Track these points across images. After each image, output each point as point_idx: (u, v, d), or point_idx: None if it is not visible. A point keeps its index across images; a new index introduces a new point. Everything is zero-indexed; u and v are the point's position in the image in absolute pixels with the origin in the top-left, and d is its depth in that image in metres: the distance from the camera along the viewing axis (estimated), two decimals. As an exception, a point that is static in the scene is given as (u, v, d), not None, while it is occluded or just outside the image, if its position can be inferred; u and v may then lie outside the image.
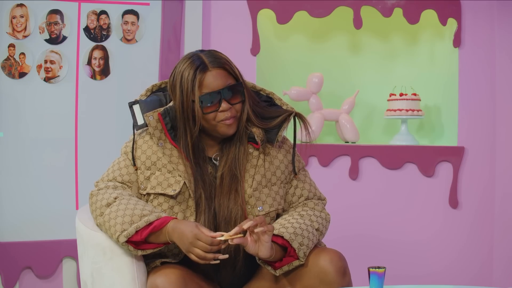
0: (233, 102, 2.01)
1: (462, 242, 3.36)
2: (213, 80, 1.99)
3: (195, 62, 2.00)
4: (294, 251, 1.98)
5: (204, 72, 1.98)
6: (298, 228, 2.00)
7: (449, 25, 3.37)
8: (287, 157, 2.14)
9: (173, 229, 1.90)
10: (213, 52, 2.05)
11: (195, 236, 1.85)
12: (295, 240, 1.97)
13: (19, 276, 3.04)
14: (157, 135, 2.05)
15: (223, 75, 2.00)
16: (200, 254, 1.85)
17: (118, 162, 2.10)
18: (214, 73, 1.99)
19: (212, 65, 1.99)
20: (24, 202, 3.01)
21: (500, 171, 3.35)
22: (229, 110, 2.00)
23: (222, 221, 2.03)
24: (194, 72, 1.98)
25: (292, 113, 2.09)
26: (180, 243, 1.89)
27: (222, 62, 2.01)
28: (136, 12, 3.15)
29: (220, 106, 1.99)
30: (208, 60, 2.00)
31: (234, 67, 2.04)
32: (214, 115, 2.00)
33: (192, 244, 1.85)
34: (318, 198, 2.18)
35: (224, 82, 2.00)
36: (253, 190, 2.04)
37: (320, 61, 3.59)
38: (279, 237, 1.98)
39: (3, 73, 2.97)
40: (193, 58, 2.01)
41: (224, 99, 1.99)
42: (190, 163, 2.03)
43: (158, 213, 1.94)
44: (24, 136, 3.02)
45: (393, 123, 3.62)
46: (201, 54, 2.03)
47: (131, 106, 2.07)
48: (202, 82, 1.98)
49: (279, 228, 1.99)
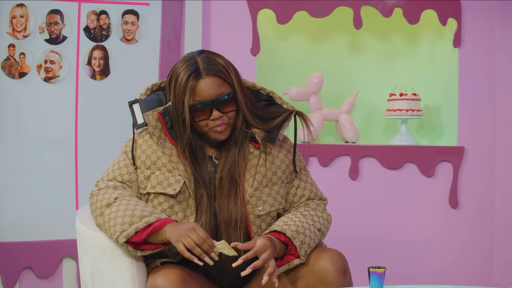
0: (225, 110, 1.99)
1: (462, 242, 3.36)
2: (205, 89, 1.97)
3: (190, 67, 1.97)
4: (295, 249, 1.98)
5: (197, 79, 1.96)
6: (301, 227, 2.00)
7: (449, 25, 3.37)
8: (288, 157, 2.14)
9: (171, 226, 1.90)
10: (211, 56, 2.01)
11: (193, 227, 1.85)
12: (297, 238, 1.97)
13: (19, 276, 3.04)
14: (156, 134, 2.05)
15: (217, 83, 1.98)
16: (191, 243, 1.83)
17: (118, 162, 2.10)
18: (208, 81, 1.97)
19: (206, 72, 1.97)
20: (24, 202, 3.01)
21: (500, 171, 3.35)
22: (221, 118, 1.99)
23: (223, 223, 2.03)
24: (187, 78, 1.96)
25: (293, 112, 2.09)
26: (174, 233, 1.86)
27: (217, 69, 1.98)
28: (136, 12, 3.14)
29: (211, 115, 1.98)
30: (203, 67, 1.97)
31: (230, 74, 2.00)
32: (206, 123, 2.00)
33: (186, 233, 1.84)
34: (319, 198, 2.19)
35: (217, 91, 1.97)
36: (254, 190, 2.04)
37: (320, 61, 3.59)
38: (281, 234, 1.98)
39: (3, 73, 2.97)
40: (190, 62, 1.99)
41: (215, 108, 1.98)
42: (189, 162, 2.03)
43: (158, 214, 1.94)
44: (24, 136, 3.02)
45: (393, 123, 3.62)
46: (198, 57, 2.00)
47: (131, 105, 2.07)
48: (194, 90, 1.96)
49: (282, 225, 1.99)
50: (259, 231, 2.05)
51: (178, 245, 1.85)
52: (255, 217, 2.04)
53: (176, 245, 1.86)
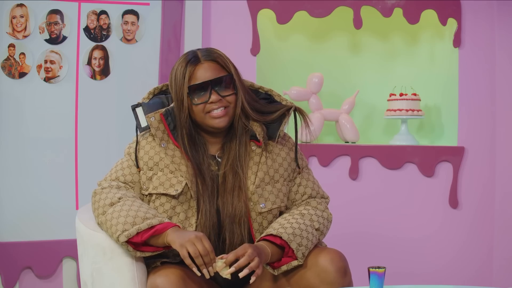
0: (224, 94, 2.02)
1: (462, 242, 3.36)
2: (203, 72, 2.01)
3: (189, 56, 2.04)
4: (292, 251, 1.98)
5: (195, 64, 2.01)
6: (297, 229, 2.00)
7: (449, 25, 3.37)
8: (290, 155, 2.14)
9: (175, 230, 1.90)
10: (210, 48, 2.08)
11: (201, 237, 1.86)
12: (294, 240, 1.97)
13: (19, 276, 3.04)
14: (159, 135, 2.06)
15: (215, 67, 2.02)
16: (195, 252, 1.83)
17: (121, 163, 2.11)
18: (206, 65, 2.02)
19: (204, 58, 2.02)
20: (24, 202, 3.01)
21: (500, 171, 3.35)
22: (219, 101, 2.01)
23: (226, 218, 2.03)
24: (186, 65, 2.01)
25: (292, 107, 2.09)
26: (179, 238, 1.86)
27: (215, 56, 2.03)
28: (136, 12, 3.15)
29: (210, 97, 1.99)
30: (201, 54, 2.03)
31: (228, 62, 2.04)
32: (203, 106, 2.01)
33: (192, 241, 1.84)
34: (321, 196, 2.19)
35: (215, 74, 2.01)
36: (256, 187, 2.04)
37: (320, 61, 3.59)
38: (277, 237, 1.98)
39: (3, 73, 2.97)
40: (188, 53, 2.06)
41: (213, 90, 1.99)
42: (192, 163, 2.03)
43: (161, 218, 1.94)
44: (24, 136, 3.02)
45: (393, 123, 3.62)
46: (197, 50, 2.07)
47: (134, 109, 2.09)
48: (193, 74, 2.00)
49: (278, 228, 1.99)
50: (260, 228, 2.05)
51: (181, 250, 1.85)
52: (256, 214, 2.04)
53: (180, 250, 1.86)
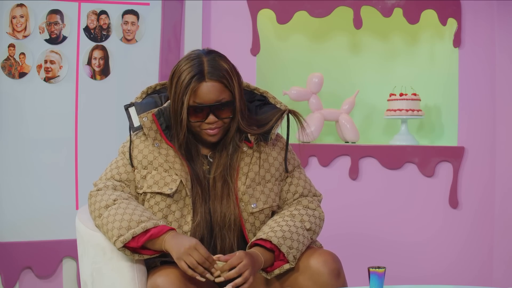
0: (221, 116, 2.01)
1: (462, 242, 3.36)
2: (206, 92, 1.98)
3: (195, 68, 1.98)
4: (283, 255, 1.97)
5: (199, 82, 1.97)
6: (288, 231, 1.99)
7: (449, 25, 3.37)
8: (281, 155, 2.14)
9: (171, 237, 1.90)
10: (218, 60, 2.02)
11: (194, 246, 1.86)
12: (284, 244, 1.96)
13: (19, 276, 3.04)
14: (152, 135, 2.06)
15: (219, 89, 1.99)
16: (193, 263, 1.84)
17: (116, 162, 2.11)
18: (210, 85, 1.98)
19: (209, 76, 1.98)
20: (24, 202, 3.01)
21: (500, 171, 3.35)
22: (216, 123, 2.01)
23: (217, 225, 2.04)
24: (190, 79, 1.97)
25: (285, 111, 2.09)
26: (175, 249, 1.87)
27: (221, 75, 1.99)
28: (136, 12, 3.15)
29: (207, 118, 2.00)
30: (207, 70, 1.98)
31: (233, 81, 2.01)
32: (200, 124, 2.01)
33: (187, 251, 1.85)
34: (313, 195, 2.18)
35: (217, 97, 1.99)
36: (247, 188, 2.04)
37: (320, 61, 3.59)
38: (267, 241, 1.98)
39: (3, 73, 2.97)
40: (195, 62, 2.00)
41: (212, 113, 1.99)
42: (186, 161, 2.04)
43: (155, 220, 1.94)
44: (24, 136, 3.02)
45: (393, 123, 3.62)
46: (204, 58, 2.00)
47: (127, 109, 2.09)
48: (195, 92, 1.98)
49: (268, 232, 1.99)
50: (253, 228, 2.05)
51: (180, 263, 1.86)
52: (248, 215, 2.04)
53: (178, 263, 1.87)
